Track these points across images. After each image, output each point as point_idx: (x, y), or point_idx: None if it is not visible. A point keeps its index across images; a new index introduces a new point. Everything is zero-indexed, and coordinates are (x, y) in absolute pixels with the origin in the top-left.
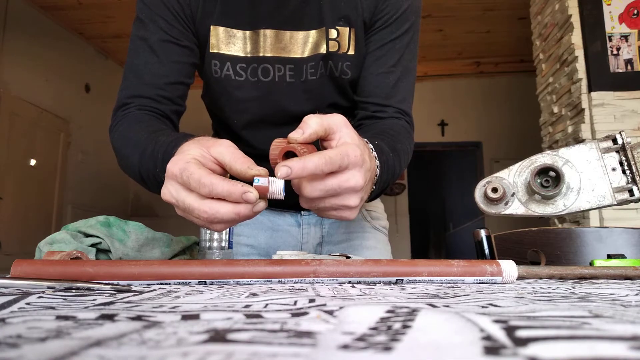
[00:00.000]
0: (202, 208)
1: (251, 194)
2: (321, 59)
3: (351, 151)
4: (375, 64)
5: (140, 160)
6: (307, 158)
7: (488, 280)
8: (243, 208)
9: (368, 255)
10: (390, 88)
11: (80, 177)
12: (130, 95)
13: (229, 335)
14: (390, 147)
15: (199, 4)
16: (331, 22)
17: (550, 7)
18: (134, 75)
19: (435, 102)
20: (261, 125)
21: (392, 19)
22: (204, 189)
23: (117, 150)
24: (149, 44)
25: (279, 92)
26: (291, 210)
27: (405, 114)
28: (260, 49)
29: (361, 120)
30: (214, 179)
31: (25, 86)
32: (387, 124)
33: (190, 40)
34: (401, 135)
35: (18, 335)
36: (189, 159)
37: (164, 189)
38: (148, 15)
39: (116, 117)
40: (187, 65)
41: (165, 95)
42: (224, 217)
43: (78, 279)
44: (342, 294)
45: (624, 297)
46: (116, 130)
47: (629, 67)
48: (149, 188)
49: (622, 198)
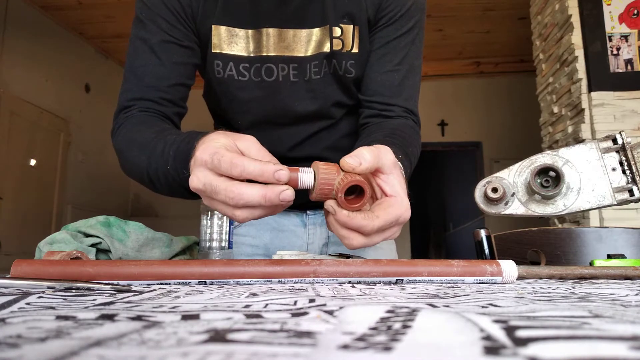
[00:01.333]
0: (230, 188)
1: (283, 172)
2: (325, 57)
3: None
4: (380, 62)
5: (149, 160)
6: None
7: (488, 280)
8: (270, 192)
9: (374, 255)
10: (395, 86)
11: (80, 177)
12: (132, 98)
13: (229, 335)
14: (402, 152)
15: (200, 3)
16: (334, 20)
17: (550, 7)
18: (135, 77)
19: (435, 102)
20: (265, 125)
21: (396, 15)
22: (236, 169)
23: (121, 152)
24: (149, 45)
25: (283, 91)
26: (297, 210)
27: (412, 112)
28: (264, 49)
29: (367, 119)
30: (245, 160)
31: (25, 86)
32: (395, 124)
33: (192, 40)
34: (411, 137)
35: (18, 335)
36: (219, 146)
37: (192, 177)
38: (148, 16)
39: (118, 120)
40: (189, 66)
41: (167, 97)
42: (249, 199)
43: (78, 279)
44: (342, 294)
45: (624, 297)
46: (119, 133)
47: (629, 67)
48: (156, 189)
49: (622, 198)
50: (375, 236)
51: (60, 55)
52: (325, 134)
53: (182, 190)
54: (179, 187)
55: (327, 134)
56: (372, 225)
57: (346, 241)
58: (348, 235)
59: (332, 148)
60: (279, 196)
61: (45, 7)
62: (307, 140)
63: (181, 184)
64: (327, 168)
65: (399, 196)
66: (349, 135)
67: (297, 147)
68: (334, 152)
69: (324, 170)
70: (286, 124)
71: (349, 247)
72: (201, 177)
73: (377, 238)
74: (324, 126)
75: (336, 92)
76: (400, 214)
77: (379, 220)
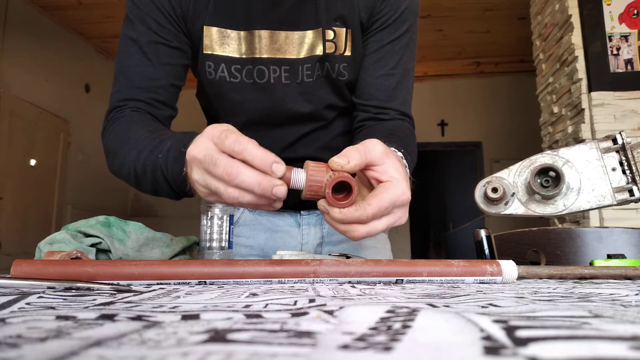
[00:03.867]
0: (230, 164)
1: (281, 165)
2: (318, 60)
3: (398, 196)
4: (374, 66)
5: (139, 155)
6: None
7: (488, 280)
8: (266, 181)
9: (368, 255)
10: (391, 90)
11: (80, 177)
12: (123, 99)
13: (229, 335)
14: (402, 150)
15: (190, 3)
16: (327, 23)
17: (550, 7)
18: (125, 78)
19: (435, 102)
20: (258, 126)
21: (390, 19)
22: (239, 145)
23: (111, 151)
24: (138, 45)
25: (275, 93)
26: (290, 211)
27: (407, 116)
28: (256, 51)
29: (362, 122)
30: (250, 144)
31: (25, 86)
32: (392, 125)
33: (182, 40)
34: (408, 137)
35: (18, 335)
36: (228, 127)
37: (192, 146)
38: (137, 15)
39: (110, 119)
40: (179, 67)
41: (158, 98)
42: (245, 180)
43: (78, 279)
44: (342, 294)
45: (624, 297)
46: (111, 131)
47: (629, 67)
48: (140, 186)
49: (622, 198)
50: (376, 223)
51: (60, 55)
52: (318, 135)
53: (165, 186)
54: (163, 181)
55: (320, 135)
56: (366, 214)
57: (348, 235)
58: (347, 229)
59: (325, 148)
60: (272, 189)
61: (45, 7)
62: (300, 141)
63: (166, 177)
64: (316, 167)
65: (392, 179)
66: (342, 135)
67: (289, 148)
68: (327, 152)
69: (314, 169)
70: (279, 125)
71: (353, 239)
72: (203, 147)
73: (379, 225)
74: (316, 127)
75: (329, 94)
76: (396, 196)
77: (371, 207)
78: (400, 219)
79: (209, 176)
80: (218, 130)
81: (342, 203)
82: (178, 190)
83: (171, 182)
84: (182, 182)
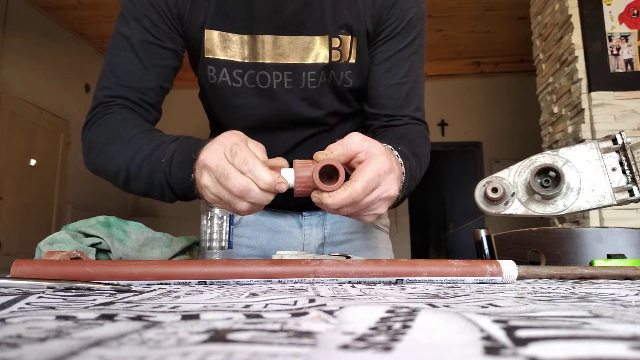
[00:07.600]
0: (240, 182)
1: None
2: (323, 68)
3: (380, 166)
4: (385, 75)
5: (134, 157)
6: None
7: (488, 280)
8: (271, 195)
9: (370, 256)
10: (403, 99)
11: (80, 177)
12: (111, 95)
13: (229, 335)
14: (411, 151)
15: (187, 3)
16: (334, 31)
17: (550, 7)
18: (114, 76)
19: (435, 102)
20: (260, 130)
21: (398, 28)
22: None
23: (97, 146)
24: (130, 43)
25: (278, 98)
26: (292, 211)
27: (421, 121)
28: (259, 56)
29: (376, 130)
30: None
31: (25, 86)
32: (403, 129)
33: (176, 42)
34: (419, 139)
35: (18, 335)
36: (238, 139)
37: (205, 152)
38: (132, 13)
39: (95, 113)
40: (169, 69)
41: (148, 100)
42: (254, 197)
43: (78, 279)
44: (342, 294)
45: (624, 297)
46: (97, 126)
47: (629, 67)
48: (128, 186)
49: (622, 198)
50: (369, 197)
51: (60, 55)
52: (321, 139)
53: (165, 189)
54: (165, 185)
55: (323, 139)
56: (356, 191)
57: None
58: (346, 212)
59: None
60: (275, 182)
61: (45, 7)
62: (302, 145)
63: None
64: (303, 163)
65: (370, 154)
66: None
67: (292, 151)
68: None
69: (300, 164)
70: (281, 129)
71: (366, 221)
72: (215, 157)
73: (372, 197)
74: (319, 131)
75: (333, 102)
76: (378, 167)
77: (358, 183)
78: (389, 189)
79: (220, 186)
80: (230, 142)
81: (330, 187)
82: (180, 194)
83: (173, 185)
84: (187, 187)
